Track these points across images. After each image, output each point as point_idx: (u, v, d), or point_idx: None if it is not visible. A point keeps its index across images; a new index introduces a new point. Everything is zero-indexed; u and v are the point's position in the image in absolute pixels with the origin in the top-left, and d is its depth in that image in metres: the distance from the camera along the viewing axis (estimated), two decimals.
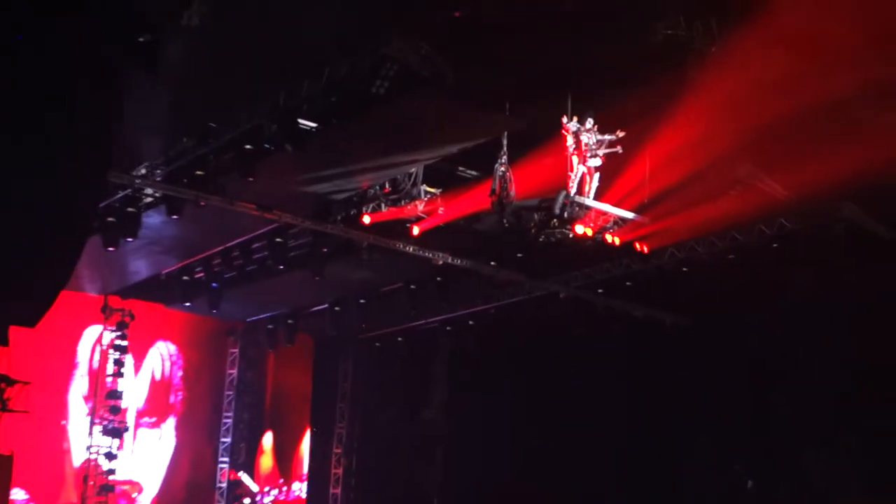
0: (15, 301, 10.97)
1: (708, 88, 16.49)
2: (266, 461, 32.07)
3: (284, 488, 32.20)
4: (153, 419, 28.90)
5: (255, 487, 31.34)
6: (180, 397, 30.15)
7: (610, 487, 29.21)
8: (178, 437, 30.09)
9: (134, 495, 28.96)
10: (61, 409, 27.26)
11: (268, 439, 32.18)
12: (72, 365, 27.86)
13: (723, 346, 27.36)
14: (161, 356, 29.87)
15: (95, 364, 28.31)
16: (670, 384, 27.96)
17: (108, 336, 28.07)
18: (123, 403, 28.10)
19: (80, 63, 9.80)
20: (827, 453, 29.22)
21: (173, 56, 14.16)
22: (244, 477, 31.19)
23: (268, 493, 31.77)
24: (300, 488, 32.53)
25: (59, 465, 27.43)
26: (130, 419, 28.80)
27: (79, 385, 28.03)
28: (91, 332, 28.32)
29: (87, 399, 28.10)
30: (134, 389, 29.12)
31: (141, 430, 29.23)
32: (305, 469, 32.77)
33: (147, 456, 28.68)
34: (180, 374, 30.24)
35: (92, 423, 27.98)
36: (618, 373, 28.64)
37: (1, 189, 9.65)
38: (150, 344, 29.06)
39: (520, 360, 30.05)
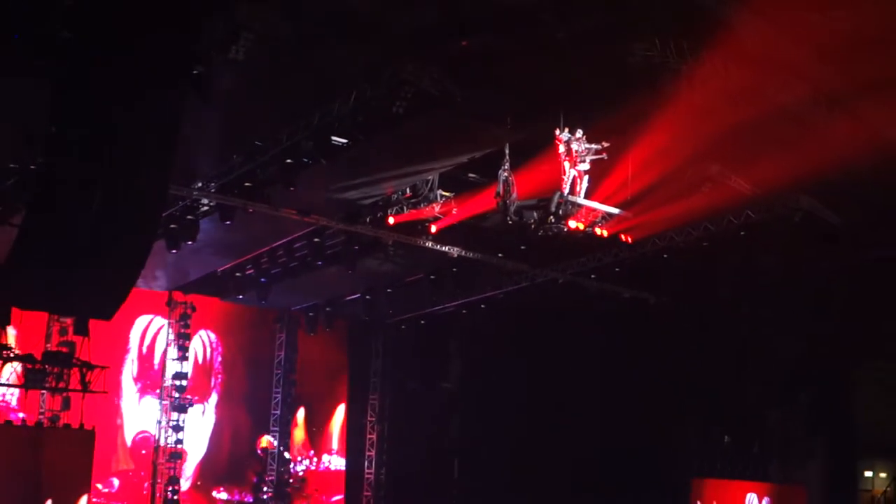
0: (94, 297, 11.06)
1: (680, 100, 16.52)
2: (299, 434, 31.94)
3: (315, 459, 32.03)
4: (196, 398, 28.77)
5: (287, 454, 31.20)
6: (220, 380, 30.08)
7: (606, 445, 29.26)
8: (217, 413, 30.01)
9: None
10: (115, 389, 27.09)
11: (300, 414, 32.08)
12: (124, 350, 27.77)
13: (700, 321, 27.40)
14: (203, 343, 29.81)
15: (145, 349, 28.41)
16: (654, 355, 28.00)
17: (168, 326, 28.34)
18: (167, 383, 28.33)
19: (146, 94, 9.93)
20: (787, 410, 29.33)
21: (223, 85, 14.25)
22: (275, 443, 31.02)
23: (300, 461, 31.62)
24: (329, 460, 32.34)
25: (113, 438, 27.35)
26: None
27: (129, 368, 28.01)
28: (141, 321, 28.30)
29: (136, 380, 28.15)
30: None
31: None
32: (334, 443, 32.54)
33: (191, 429, 28.52)
34: (220, 359, 30.15)
35: (162, 401, 28.13)
36: (609, 345, 28.71)
37: (83, 202, 9.76)
38: (194, 332, 28.92)
39: (525, 337, 30.11)
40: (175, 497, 27.70)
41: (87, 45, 9.79)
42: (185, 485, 28.71)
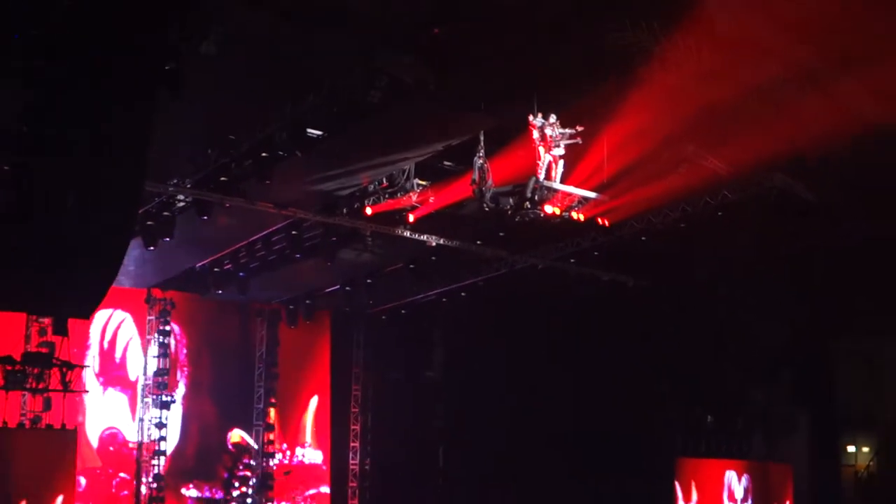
0: (72, 297, 11.05)
1: (653, 81, 16.60)
2: (302, 426, 31.83)
3: (288, 453, 31.79)
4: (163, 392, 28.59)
5: (255, 446, 31.05)
6: (186, 373, 29.71)
7: (589, 429, 29.37)
8: (184, 407, 29.57)
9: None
10: (76, 385, 26.70)
11: (309, 406, 32.01)
12: (84, 346, 27.07)
13: (679, 303, 27.55)
14: (150, 325, 28.92)
15: (107, 345, 28.01)
16: (635, 338, 28.14)
17: (147, 323, 28.34)
18: (132, 376, 28.17)
19: (118, 92, 9.92)
20: (768, 388, 29.51)
21: (196, 80, 14.23)
22: (248, 438, 30.86)
23: (272, 456, 31.39)
24: (302, 454, 32.13)
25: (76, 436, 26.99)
26: (140, 389, 28.46)
27: (91, 363, 27.27)
28: (101, 316, 27.82)
29: (98, 375, 27.68)
30: (143, 367, 28.66)
31: (149, 400, 28.51)
32: (307, 436, 32.36)
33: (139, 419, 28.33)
34: (185, 351, 29.73)
35: (143, 397, 28.04)
36: (589, 329, 28.79)
37: (58, 202, 9.76)
38: (156, 326, 28.56)
39: (507, 324, 30.20)
40: (161, 494, 27.69)
41: (56, 43, 9.77)
42: (143, 488, 28.31)
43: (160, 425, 27.77)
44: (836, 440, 31.22)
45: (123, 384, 28.30)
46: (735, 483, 29.44)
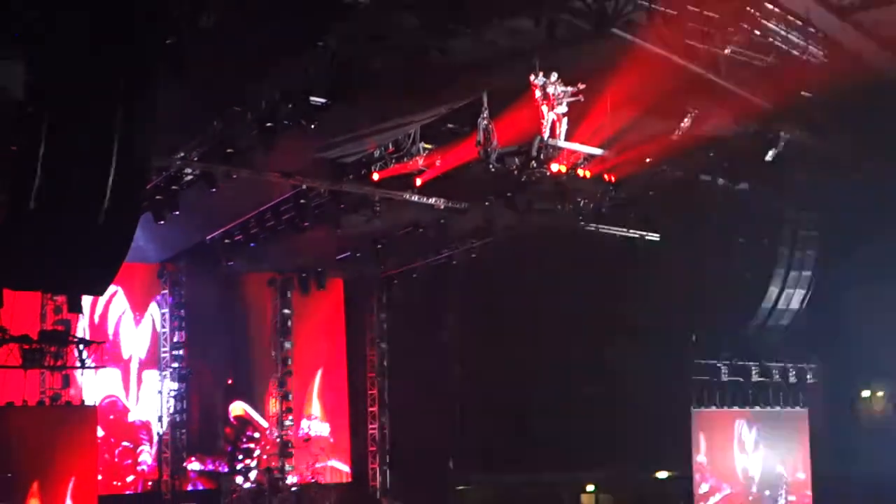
0: (84, 274, 11.20)
1: (655, 35, 16.63)
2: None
3: (293, 426, 31.74)
4: (155, 369, 28.74)
5: (264, 422, 31.17)
6: (183, 336, 29.34)
7: (605, 383, 29.54)
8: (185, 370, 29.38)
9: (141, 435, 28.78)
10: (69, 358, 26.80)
11: (318, 374, 32.15)
12: (73, 319, 26.01)
13: (690, 256, 27.57)
14: (159, 308, 29.28)
15: (97, 319, 27.88)
16: (648, 292, 28.20)
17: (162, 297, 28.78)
18: (125, 354, 28.32)
19: (120, 69, 10.03)
20: (784, 336, 29.64)
21: (196, 54, 14.31)
22: (250, 411, 30.92)
23: (286, 426, 31.50)
24: (308, 426, 32.16)
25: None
26: (134, 368, 28.57)
27: (81, 335, 26.42)
28: None
29: (89, 350, 27.43)
30: (136, 341, 28.77)
31: (145, 374, 28.88)
32: (314, 409, 32.53)
33: (153, 399, 28.64)
34: (183, 323, 29.45)
35: (161, 370, 28.29)
36: (600, 285, 28.83)
37: (65, 179, 9.89)
38: (151, 298, 28.79)
39: (519, 282, 30.27)
40: (184, 465, 27.97)
41: (55, 22, 9.87)
42: (149, 458, 28.63)
43: (179, 397, 28.06)
44: (852, 385, 31.33)
45: (115, 360, 28.16)
46: (746, 432, 29.61)
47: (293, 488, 28.95)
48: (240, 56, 16.27)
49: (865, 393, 31.61)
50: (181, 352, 28.39)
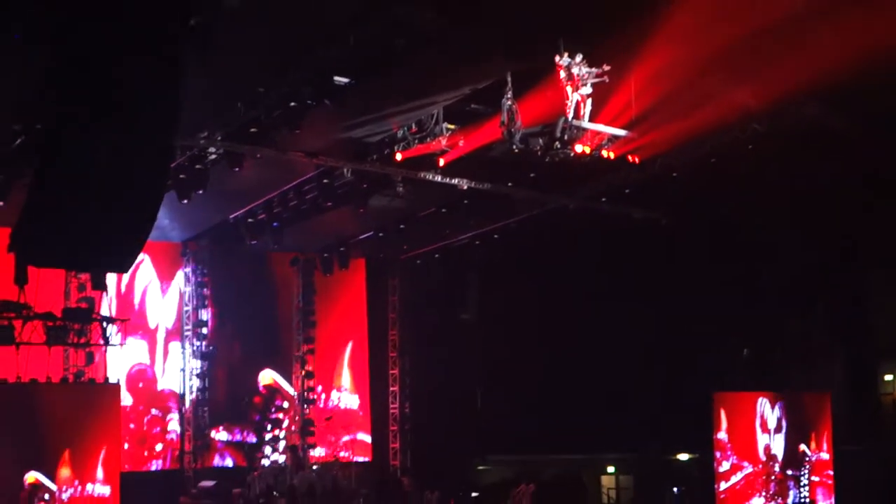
0: (109, 252, 11.17)
1: (677, 17, 16.49)
2: (341, 372, 31.98)
3: (323, 396, 32.00)
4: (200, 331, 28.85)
5: (292, 391, 31.23)
6: (211, 314, 29.64)
7: (625, 365, 29.48)
8: (213, 342, 29.64)
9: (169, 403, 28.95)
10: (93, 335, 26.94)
11: (345, 352, 32.24)
12: (98, 294, 26.72)
13: (712, 236, 27.48)
14: (186, 278, 29.35)
15: (123, 288, 27.96)
16: (669, 274, 28.13)
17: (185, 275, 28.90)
18: (152, 324, 28.43)
19: (146, 48, 9.99)
20: (804, 319, 29.47)
21: (222, 33, 14.29)
22: (282, 381, 31.01)
23: (312, 402, 31.59)
24: (338, 398, 32.33)
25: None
26: (161, 338, 28.65)
27: (105, 309, 26.34)
28: None
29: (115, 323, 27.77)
30: (163, 311, 28.86)
31: (172, 345, 28.98)
32: (345, 381, 32.63)
33: (178, 368, 28.77)
34: (209, 291, 29.58)
35: (183, 348, 28.37)
36: (622, 266, 28.79)
37: (91, 158, 9.87)
38: (177, 268, 28.90)
39: (540, 264, 30.25)
40: (207, 442, 28.08)
41: (77, 3, 9.84)
42: (178, 427, 28.72)
43: (202, 376, 28.14)
44: (874, 369, 31.21)
45: (143, 331, 28.42)
46: (768, 412, 29.53)
47: (314, 466, 29.02)
48: (265, 37, 16.27)
49: (888, 377, 31.49)
50: (204, 330, 28.43)
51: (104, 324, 21.76)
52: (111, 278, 26.66)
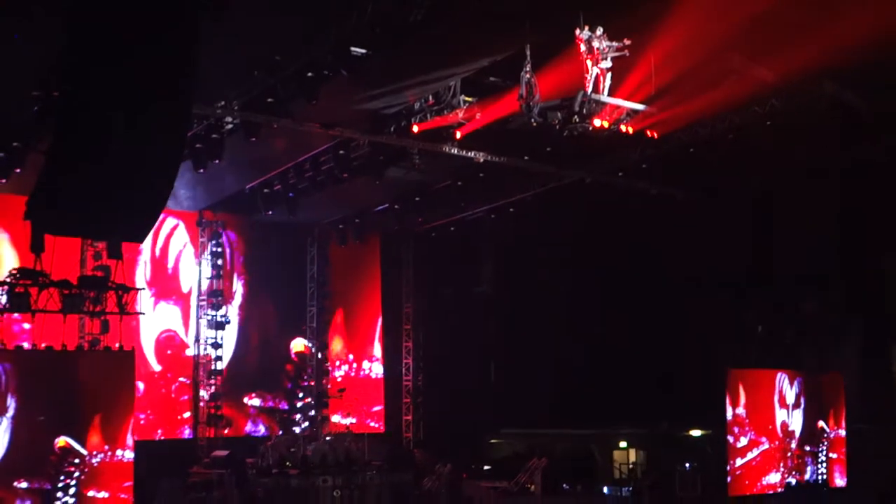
0: (125, 220, 11.11)
1: None
2: (337, 341, 32.13)
3: (355, 365, 32.07)
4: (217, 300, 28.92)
5: (326, 362, 31.27)
6: (243, 280, 29.96)
7: (640, 340, 29.42)
8: (241, 316, 29.92)
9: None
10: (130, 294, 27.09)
11: (338, 318, 32.28)
12: (135, 252, 27.01)
13: (729, 212, 27.35)
14: (223, 243, 29.40)
15: (158, 252, 28.18)
16: (685, 250, 28.01)
17: (199, 245, 28.80)
18: (185, 287, 28.49)
19: (162, 15, 9.90)
20: (818, 298, 29.34)
21: (238, 2, 14.20)
22: (311, 346, 31.06)
23: (339, 367, 31.76)
24: (369, 367, 32.43)
25: (130, 342, 27.05)
26: (193, 303, 28.72)
27: (142, 270, 27.72)
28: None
29: (150, 284, 27.87)
30: (196, 275, 28.92)
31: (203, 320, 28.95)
32: (376, 350, 32.69)
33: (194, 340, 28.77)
34: (241, 259, 29.91)
35: (198, 319, 28.35)
36: (637, 242, 28.67)
37: (107, 126, 9.80)
38: (208, 247, 28.86)
39: (555, 238, 30.20)
40: (220, 413, 28.07)
41: None
42: (205, 394, 28.74)
43: (216, 345, 28.12)
44: (888, 349, 31.08)
45: (177, 295, 28.63)
46: (787, 387, 29.45)
47: (328, 437, 29.03)
48: (282, 5, 16.15)
49: None
50: (219, 300, 28.39)
51: (118, 292, 21.72)
52: (146, 242, 26.86)
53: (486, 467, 31.10)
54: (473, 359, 33.30)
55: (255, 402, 29.88)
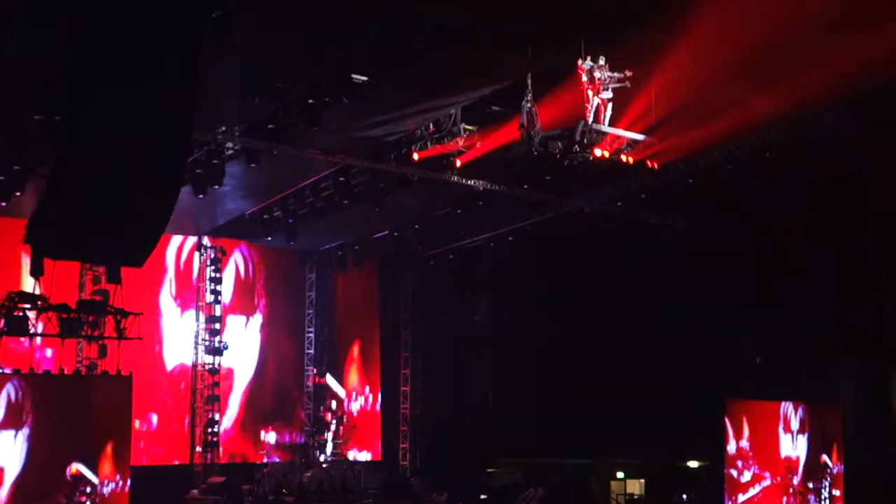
0: (124, 246, 11.12)
1: (698, 24, 16.38)
2: (353, 371, 32.12)
3: (370, 397, 32.07)
4: (240, 315, 29.05)
5: (341, 392, 31.28)
6: (263, 302, 30.00)
7: (638, 370, 29.33)
8: (262, 336, 29.97)
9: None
10: (155, 310, 27.29)
11: (355, 351, 32.28)
12: (162, 269, 27.51)
13: (728, 243, 27.33)
14: (244, 257, 29.56)
15: (182, 266, 28.31)
16: (684, 280, 27.99)
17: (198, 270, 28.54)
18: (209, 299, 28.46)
19: (165, 40, 9.92)
20: (817, 328, 29.29)
21: (242, 28, 14.20)
22: (331, 381, 31.11)
23: (354, 399, 31.72)
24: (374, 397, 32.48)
25: (153, 368, 26.95)
26: (218, 313, 28.49)
27: (168, 287, 27.87)
28: (175, 240, 28.10)
29: (175, 297, 28.05)
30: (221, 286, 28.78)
31: (230, 319, 29.11)
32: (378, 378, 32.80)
33: (236, 346, 28.85)
34: (262, 279, 30.02)
35: (196, 344, 28.23)
36: (637, 272, 28.63)
37: (108, 151, 9.81)
38: (234, 246, 29.06)
39: (554, 267, 30.15)
40: (215, 439, 27.92)
41: None
42: (227, 422, 28.75)
43: (212, 371, 27.98)
44: (887, 379, 31.02)
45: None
46: (791, 414, 29.32)
47: (324, 465, 28.94)
48: (283, 32, 16.18)
49: None
50: (217, 325, 28.30)
51: (117, 317, 21.69)
52: (171, 257, 27.71)
53: (483, 496, 30.94)
54: (471, 387, 33.22)
55: (271, 436, 29.91)
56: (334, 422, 30.71)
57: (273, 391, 30.21)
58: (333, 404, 30.94)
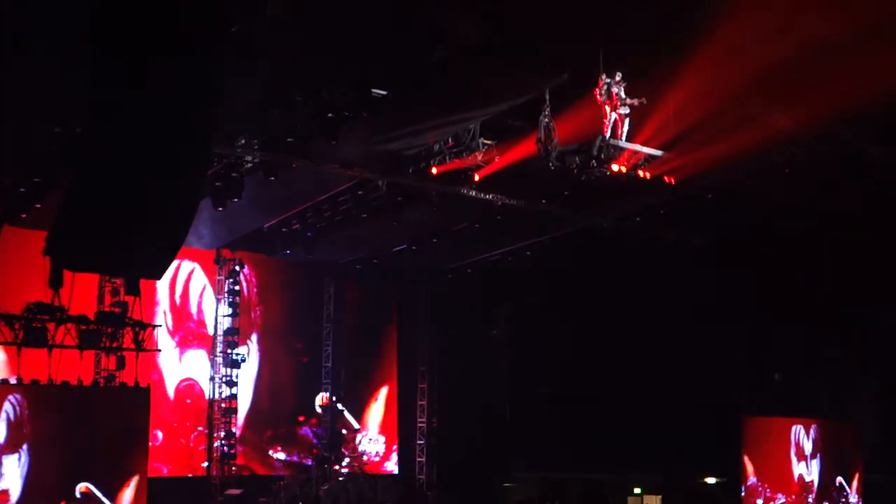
0: (143, 258, 11.18)
1: (718, 37, 16.39)
2: (377, 409, 32.24)
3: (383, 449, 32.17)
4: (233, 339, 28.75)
5: (356, 424, 31.25)
6: (259, 312, 29.86)
7: (656, 386, 29.29)
8: (260, 349, 29.84)
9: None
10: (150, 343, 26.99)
11: (383, 392, 32.43)
12: (153, 304, 27.02)
13: (746, 259, 27.30)
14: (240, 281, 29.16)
15: (178, 300, 28.12)
16: (702, 296, 27.94)
17: (217, 283, 28.62)
18: (210, 331, 28.45)
19: (185, 55, 9.97)
20: (837, 347, 29.19)
21: (260, 42, 14.29)
22: (345, 412, 31.02)
23: (376, 441, 31.70)
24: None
25: (153, 392, 26.85)
26: (220, 344, 28.50)
27: (163, 321, 27.45)
28: (167, 272, 27.72)
29: (172, 334, 27.86)
30: (219, 316, 28.75)
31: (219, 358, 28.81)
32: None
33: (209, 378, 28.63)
34: (255, 290, 29.82)
35: (213, 357, 28.29)
36: (655, 287, 28.61)
37: (128, 163, 9.87)
38: (226, 285, 28.75)
39: (572, 281, 30.13)
40: (233, 451, 27.91)
41: (122, 7, 9.84)
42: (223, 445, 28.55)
43: (230, 383, 28.03)
44: None
45: (200, 340, 28.57)
46: (803, 438, 29.22)
47: (340, 478, 28.94)
48: (303, 45, 16.25)
49: None
50: (235, 338, 28.34)
51: (136, 329, 21.80)
52: (163, 291, 27.31)
53: None
54: (488, 401, 33.20)
55: (280, 455, 29.75)
56: (345, 455, 30.53)
57: (276, 411, 30.07)
58: (343, 431, 30.73)
